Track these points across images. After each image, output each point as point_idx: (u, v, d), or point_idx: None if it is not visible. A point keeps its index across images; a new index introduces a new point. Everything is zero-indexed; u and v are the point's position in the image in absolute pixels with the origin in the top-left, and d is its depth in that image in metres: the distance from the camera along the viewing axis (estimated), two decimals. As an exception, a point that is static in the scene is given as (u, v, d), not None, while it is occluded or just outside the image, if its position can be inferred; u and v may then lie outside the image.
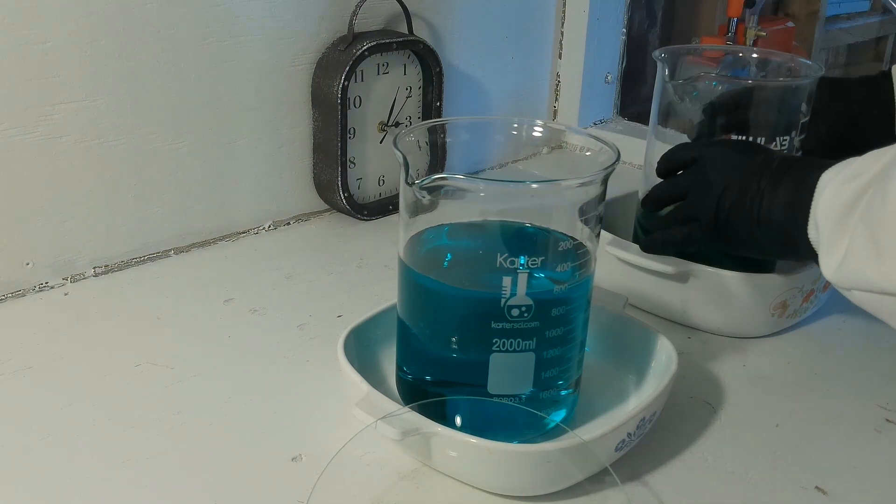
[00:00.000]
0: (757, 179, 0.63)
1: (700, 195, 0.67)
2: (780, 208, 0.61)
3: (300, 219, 0.95)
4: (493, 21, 1.09)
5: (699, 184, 0.67)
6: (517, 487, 0.54)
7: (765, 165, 0.63)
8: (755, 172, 0.63)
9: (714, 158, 0.67)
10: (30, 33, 0.71)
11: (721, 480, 0.57)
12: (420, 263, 0.57)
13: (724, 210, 0.64)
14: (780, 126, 0.74)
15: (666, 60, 0.75)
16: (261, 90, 0.88)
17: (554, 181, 0.52)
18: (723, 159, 0.66)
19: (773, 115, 0.74)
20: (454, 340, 0.56)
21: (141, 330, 0.72)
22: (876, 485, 0.57)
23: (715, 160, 0.67)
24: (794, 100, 0.74)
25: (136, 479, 0.54)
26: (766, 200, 0.62)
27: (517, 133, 0.65)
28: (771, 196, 0.61)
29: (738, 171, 0.64)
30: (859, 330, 0.75)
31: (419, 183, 0.51)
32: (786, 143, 0.74)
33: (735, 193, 0.64)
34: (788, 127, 0.74)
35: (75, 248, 0.79)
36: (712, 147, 0.69)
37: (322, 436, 0.59)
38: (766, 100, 0.74)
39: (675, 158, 0.71)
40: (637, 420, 0.55)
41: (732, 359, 0.70)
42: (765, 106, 0.74)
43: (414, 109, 0.98)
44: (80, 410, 0.61)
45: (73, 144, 0.76)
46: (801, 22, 2.10)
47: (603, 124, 1.24)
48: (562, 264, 0.54)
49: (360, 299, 0.78)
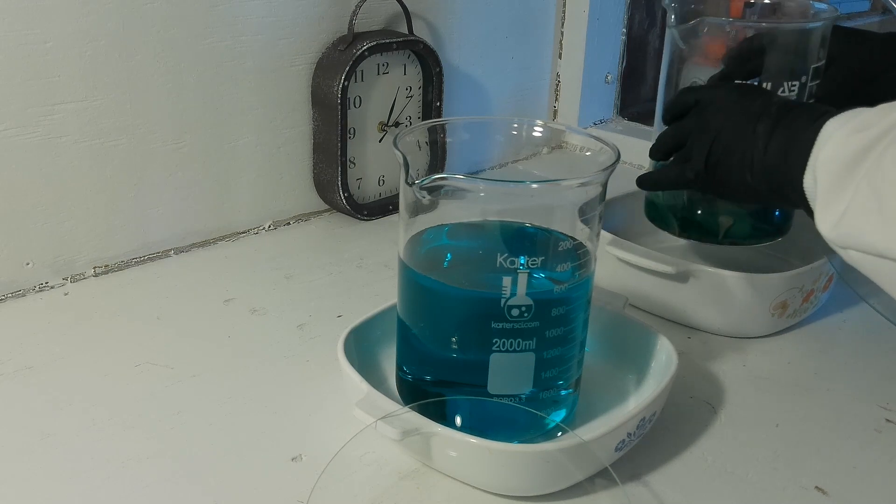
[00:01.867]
0: (754, 122, 0.61)
1: (696, 137, 0.66)
2: (776, 153, 0.59)
3: (300, 219, 0.95)
4: (493, 21, 1.09)
5: (697, 127, 0.66)
6: (517, 487, 0.54)
7: (763, 108, 0.62)
8: (752, 115, 0.62)
9: (713, 101, 0.66)
10: (30, 33, 0.71)
11: (721, 480, 0.57)
12: (420, 263, 0.57)
13: (717, 152, 0.64)
14: (791, 71, 0.72)
15: (674, 8, 0.74)
16: (261, 90, 0.88)
17: (554, 181, 0.52)
18: (722, 102, 0.65)
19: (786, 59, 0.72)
20: (454, 340, 0.56)
21: (141, 330, 0.72)
22: (876, 485, 0.57)
23: (713, 103, 0.66)
24: (808, 43, 0.72)
25: (136, 480, 0.54)
26: (760, 143, 0.61)
27: (517, 133, 0.65)
28: (766, 139, 0.60)
29: (736, 113, 0.63)
30: (859, 330, 0.75)
31: (419, 183, 0.51)
32: (795, 88, 0.72)
33: (729, 135, 0.63)
34: (800, 72, 0.72)
35: (75, 248, 0.79)
36: (713, 90, 0.68)
37: (322, 436, 0.59)
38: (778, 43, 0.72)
39: (678, 103, 0.70)
40: (637, 420, 0.55)
41: (732, 359, 0.70)
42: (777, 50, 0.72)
43: (414, 109, 0.98)
44: (80, 410, 0.61)
45: (73, 144, 0.76)
46: (801, 22, 2.09)
47: (603, 124, 1.24)
48: (562, 264, 0.54)
49: (360, 299, 0.78)
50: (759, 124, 0.61)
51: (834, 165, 0.53)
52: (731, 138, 0.63)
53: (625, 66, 1.25)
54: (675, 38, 0.75)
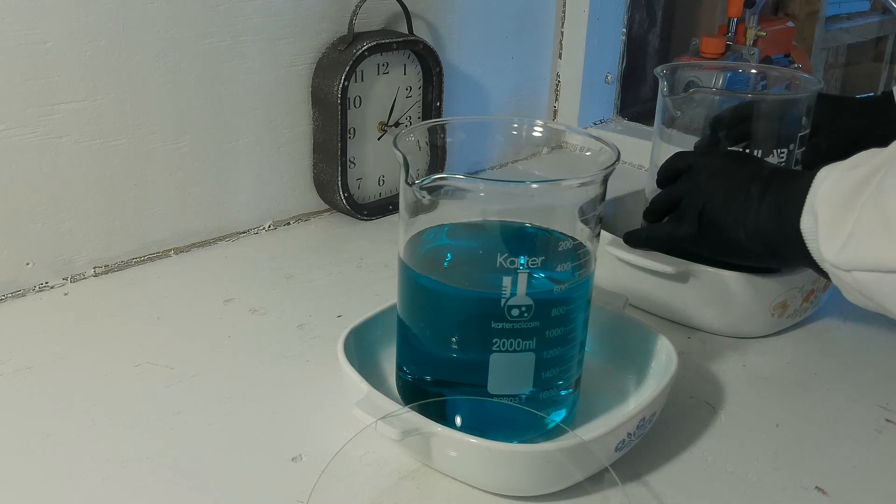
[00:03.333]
0: (746, 184, 0.64)
1: (690, 198, 0.68)
2: (769, 210, 0.62)
3: (300, 219, 0.95)
4: (493, 21, 1.09)
5: (690, 189, 0.69)
6: (517, 487, 0.54)
7: (755, 172, 0.65)
8: (745, 178, 0.65)
9: (706, 166, 0.69)
10: (30, 33, 0.71)
11: (721, 480, 0.57)
12: (420, 263, 0.57)
13: (711, 213, 0.66)
14: (779, 138, 0.75)
15: (666, 77, 0.77)
16: (261, 90, 0.88)
17: (554, 181, 0.52)
18: (715, 166, 0.68)
19: (773, 127, 0.75)
20: (454, 340, 0.56)
21: (141, 330, 0.72)
22: (876, 485, 0.57)
23: (706, 167, 0.69)
24: (793, 113, 0.75)
25: (136, 479, 0.54)
26: (754, 203, 0.63)
27: (517, 133, 0.65)
28: (759, 199, 0.63)
29: (729, 176, 0.66)
30: (859, 330, 0.75)
31: (419, 183, 0.51)
32: (784, 156, 0.75)
33: (722, 197, 0.66)
34: (787, 139, 0.75)
35: (75, 248, 0.79)
36: (706, 156, 0.71)
37: (322, 436, 0.59)
38: (765, 113, 0.75)
39: (671, 167, 0.73)
40: (637, 420, 0.55)
41: (732, 359, 0.70)
42: (764, 119, 0.75)
43: (414, 109, 0.98)
44: (80, 410, 0.61)
45: (73, 144, 0.76)
46: (801, 22, 2.10)
47: (603, 124, 1.24)
48: (562, 264, 0.54)
49: (360, 299, 0.78)
50: (752, 185, 0.64)
51: (835, 198, 0.55)
52: (724, 199, 0.66)
53: (625, 66, 1.25)
54: (668, 107, 0.78)
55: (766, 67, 0.84)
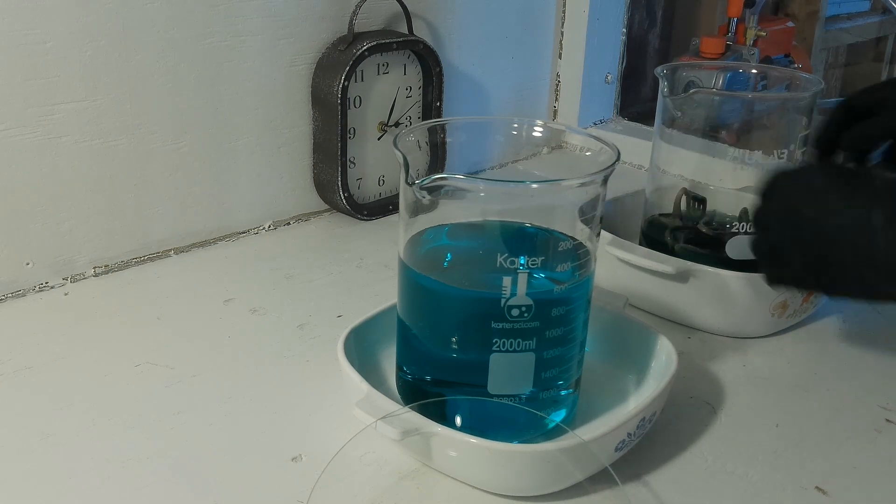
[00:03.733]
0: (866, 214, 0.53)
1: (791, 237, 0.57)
2: None
3: (300, 219, 0.95)
4: (493, 21, 1.09)
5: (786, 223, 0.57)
6: (517, 487, 0.54)
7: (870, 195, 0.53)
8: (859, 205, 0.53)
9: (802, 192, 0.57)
10: (30, 33, 0.71)
11: (721, 480, 0.57)
12: (420, 263, 0.57)
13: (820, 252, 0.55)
14: (779, 139, 0.74)
15: (667, 77, 0.77)
16: (261, 90, 0.88)
17: (554, 181, 0.52)
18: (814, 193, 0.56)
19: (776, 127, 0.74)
20: (454, 340, 0.56)
21: (141, 330, 0.72)
22: (876, 485, 0.57)
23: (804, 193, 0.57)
24: (795, 113, 0.74)
25: (136, 479, 0.54)
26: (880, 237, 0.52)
27: (517, 133, 0.65)
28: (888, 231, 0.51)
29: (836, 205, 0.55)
30: (859, 330, 0.75)
31: (419, 183, 0.51)
32: (784, 156, 0.74)
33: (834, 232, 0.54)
34: (788, 139, 0.74)
35: (75, 248, 0.79)
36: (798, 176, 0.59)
37: (322, 436, 0.59)
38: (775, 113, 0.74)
39: None
40: (637, 420, 0.55)
41: (732, 359, 0.70)
42: (765, 119, 0.75)
43: (414, 109, 0.98)
44: (80, 410, 0.61)
45: (73, 144, 0.76)
46: (801, 22, 2.10)
47: (603, 124, 1.24)
48: (562, 264, 0.54)
49: (360, 299, 0.78)
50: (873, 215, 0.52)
51: None
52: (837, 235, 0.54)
53: (625, 66, 1.25)
54: (668, 107, 0.77)
55: (766, 67, 0.84)
